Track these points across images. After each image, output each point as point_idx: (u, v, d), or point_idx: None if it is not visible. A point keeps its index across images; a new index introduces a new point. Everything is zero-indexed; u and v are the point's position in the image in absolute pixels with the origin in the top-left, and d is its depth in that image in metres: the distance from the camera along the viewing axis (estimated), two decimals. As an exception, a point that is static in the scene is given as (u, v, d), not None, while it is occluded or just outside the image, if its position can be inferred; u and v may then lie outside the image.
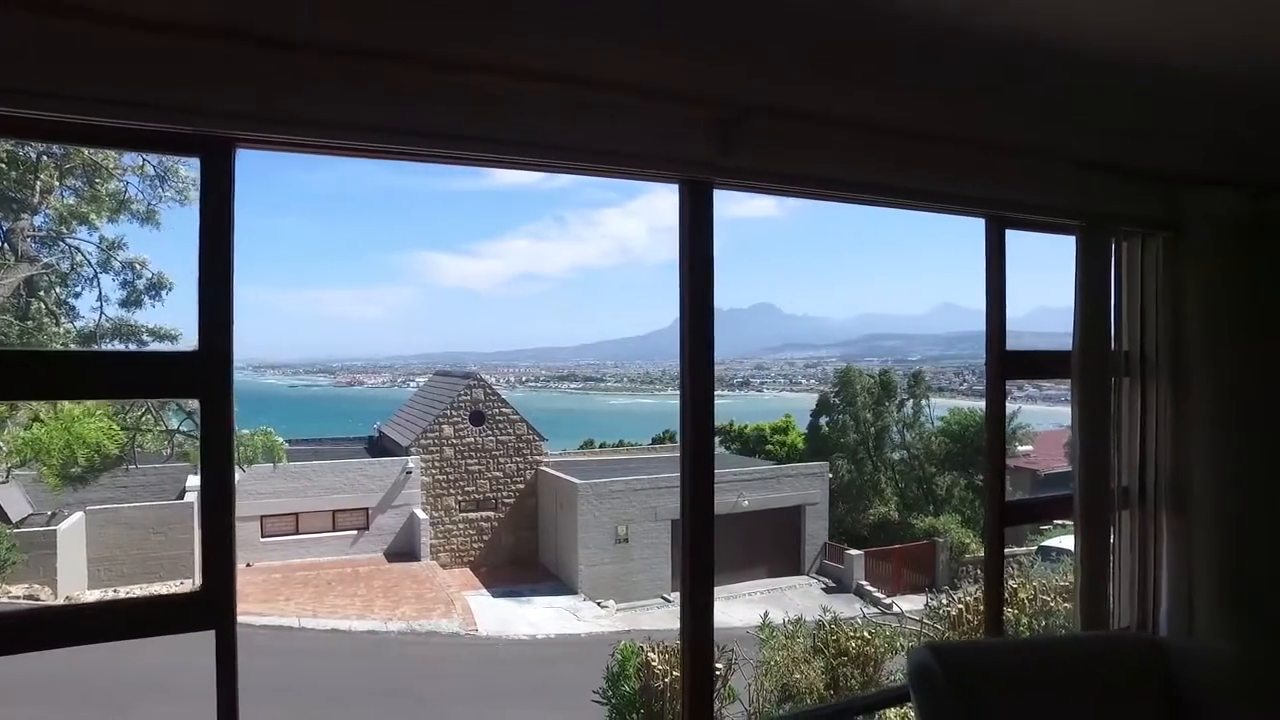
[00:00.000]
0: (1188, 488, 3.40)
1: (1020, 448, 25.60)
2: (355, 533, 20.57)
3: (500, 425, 22.35)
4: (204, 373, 1.96)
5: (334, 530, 20.44)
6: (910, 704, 2.06)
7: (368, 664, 13.62)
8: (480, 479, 21.86)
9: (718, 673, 9.86)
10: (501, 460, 22.19)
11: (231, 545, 2.03)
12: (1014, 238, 3.20)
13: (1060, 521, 7.80)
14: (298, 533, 19.85)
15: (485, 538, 21.65)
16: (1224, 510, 3.32)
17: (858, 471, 25.32)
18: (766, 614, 13.13)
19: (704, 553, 2.52)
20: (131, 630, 1.93)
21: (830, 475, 23.27)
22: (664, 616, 17.06)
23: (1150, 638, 2.03)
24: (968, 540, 21.02)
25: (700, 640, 2.53)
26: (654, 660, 9.93)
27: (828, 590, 20.07)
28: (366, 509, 20.58)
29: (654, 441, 33.13)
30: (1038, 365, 3.26)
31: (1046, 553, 16.50)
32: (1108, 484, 3.26)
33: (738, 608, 17.06)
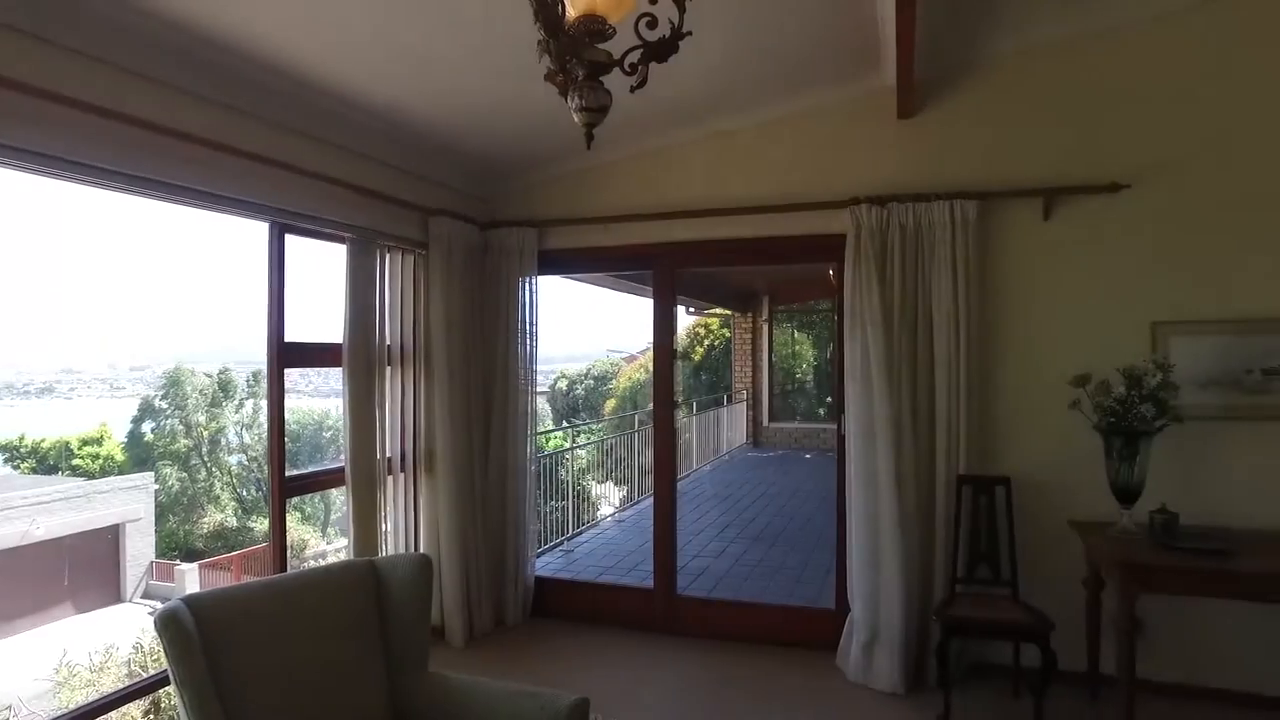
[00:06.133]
0: (434, 451, 4.36)
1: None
2: None
3: None
4: None
5: None
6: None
7: None
8: None
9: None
10: None
11: None
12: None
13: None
14: None
15: None
16: (457, 465, 4.37)
17: (190, 479, 23.42)
18: (65, 653, 11.45)
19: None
20: None
21: (157, 486, 21.09)
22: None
23: (369, 560, 2.66)
24: (307, 536, 21.36)
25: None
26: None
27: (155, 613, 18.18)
28: None
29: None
30: (313, 355, 3.77)
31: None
32: (374, 456, 3.96)
33: (30, 658, 14.22)
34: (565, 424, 18.80)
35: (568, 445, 9.22)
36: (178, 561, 20.02)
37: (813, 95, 4.18)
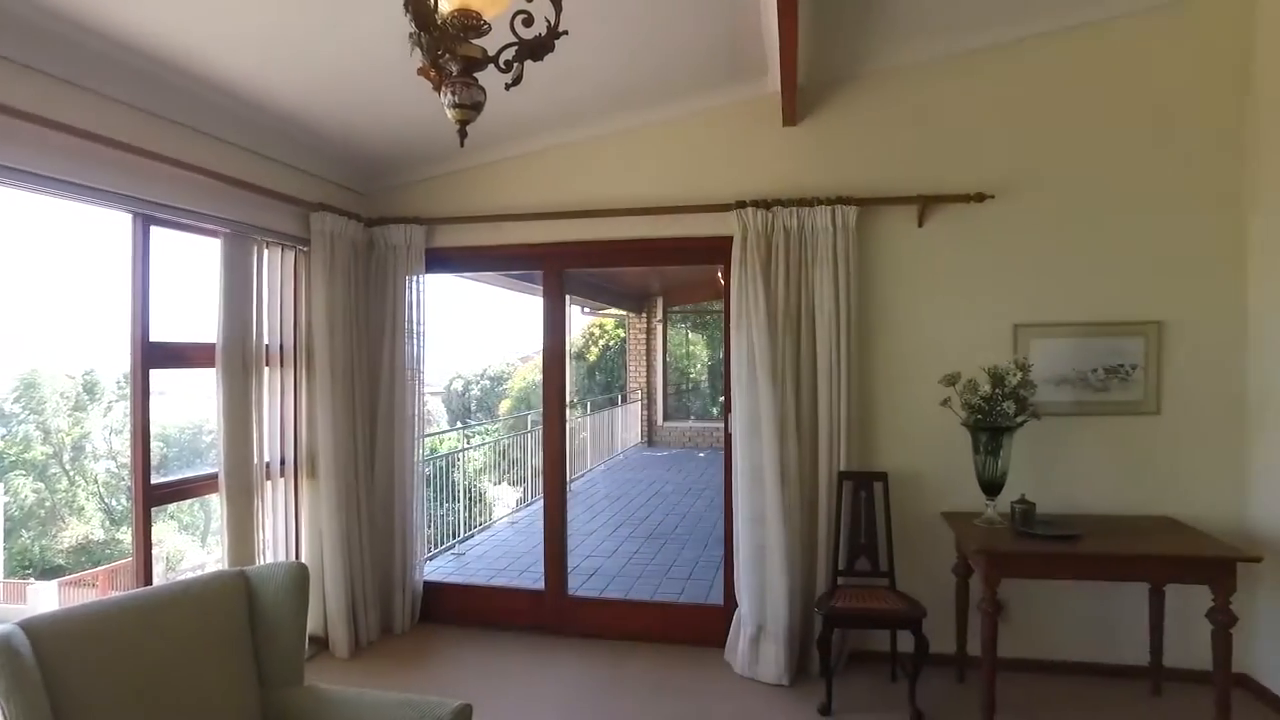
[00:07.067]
0: (316, 455, 4.20)
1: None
2: None
3: None
4: None
5: None
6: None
7: None
8: None
9: None
10: None
11: None
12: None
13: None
14: None
15: None
16: (340, 468, 4.22)
17: (49, 489, 21.67)
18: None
19: None
20: None
21: (7, 499, 19.44)
22: None
23: (240, 570, 2.53)
24: (185, 547, 20.14)
25: None
26: None
27: None
28: None
29: None
30: (184, 356, 3.56)
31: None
32: (251, 460, 3.78)
33: None
34: (460, 425, 18.45)
35: (461, 447, 9.05)
36: (31, 580, 18.48)
37: (702, 100, 4.25)
